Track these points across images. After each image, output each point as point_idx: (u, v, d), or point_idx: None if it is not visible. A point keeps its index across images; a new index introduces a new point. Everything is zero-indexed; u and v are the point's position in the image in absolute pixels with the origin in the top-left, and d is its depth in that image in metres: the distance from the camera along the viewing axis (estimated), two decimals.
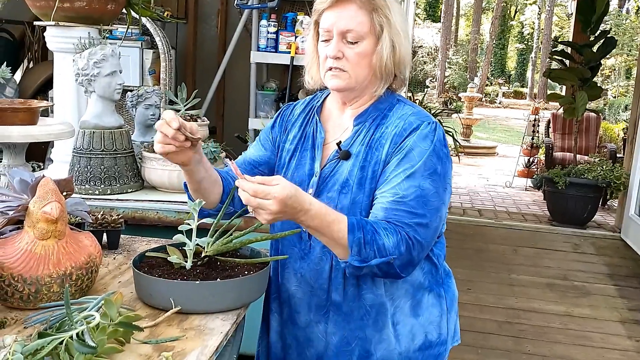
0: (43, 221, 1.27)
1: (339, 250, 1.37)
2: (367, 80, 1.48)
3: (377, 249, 1.35)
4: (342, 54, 1.46)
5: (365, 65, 1.46)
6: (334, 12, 1.46)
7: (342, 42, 1.45)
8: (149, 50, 4.22)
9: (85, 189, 2.57)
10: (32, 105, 1.81)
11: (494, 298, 4.32)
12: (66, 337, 1.04)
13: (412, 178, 1.40)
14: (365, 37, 1.44)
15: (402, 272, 1.39)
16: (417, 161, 1.41)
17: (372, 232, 1.35)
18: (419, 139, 1.43)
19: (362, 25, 1.43)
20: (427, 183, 1.40)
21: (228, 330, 1.28)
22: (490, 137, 15.03)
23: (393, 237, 1.35)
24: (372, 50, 1.45)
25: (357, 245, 1.34)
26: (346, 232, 1.34)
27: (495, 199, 7.67)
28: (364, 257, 1.35)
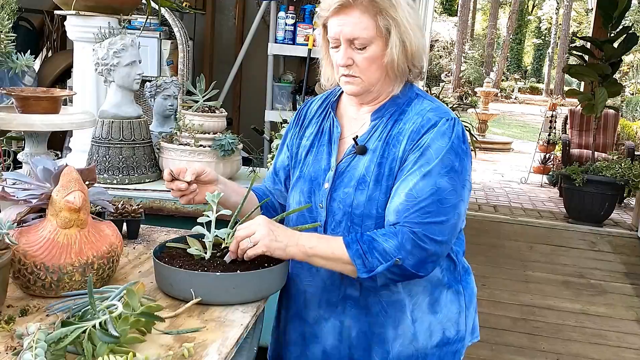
0: (66, 210, 1.27)
1: (347, 268, 1.39)
2: (380, 82, 1.47)
3: (380, 254, 1.36)
4: (352, 61, 1.44)
5: (377, 68, 1.44)
6: (339, 19, 1.43)
7: (350, 49, 1.44)
8: (167, 41, 4.23)
9: (104, 178, 2.58)
10: (55, 94, 1.82)
11: (508, 294, 4.30)
12: (89, 326, 1.04)
13: (428, 177, 1.39)
14: (373, 42, 1.42)
15: (419, 270, 1.39)
16: (434, 159, 1.39)
17: (369, 242, 1.37)
18: (436, 136, 1.41)
19: (368, 31, 1.41)
20: (444, 181, 1.39)
21: (248, 322, 1.28)
22: (506, 132, 14.93)
23: (393, 240, 1.36)
24: (381, 53, 1.42)
25: (359, 257, 1.36)
26: (345, 248, 1.36)
27: (510, 195, 7.63)
28: (369, 267, 1.36)
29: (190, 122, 2.66)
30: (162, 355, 1.08)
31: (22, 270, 1.28)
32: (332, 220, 1.49)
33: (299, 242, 1.38)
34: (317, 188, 1.53)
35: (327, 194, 1.50)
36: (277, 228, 1.38)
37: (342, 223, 1.48)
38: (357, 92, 1.49)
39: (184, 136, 2.66)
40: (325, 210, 1.50)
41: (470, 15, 27.53)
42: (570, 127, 8.05)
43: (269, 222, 1.38)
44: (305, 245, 1.38)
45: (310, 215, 1.53)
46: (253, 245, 1.35)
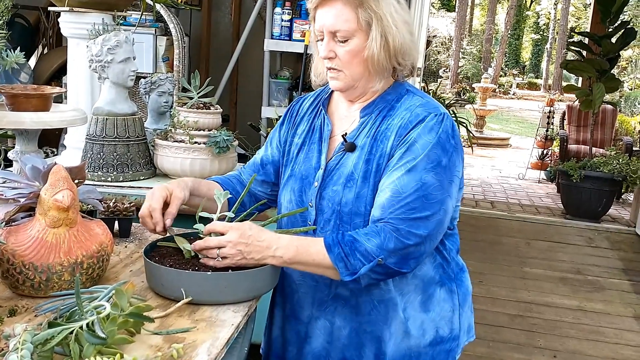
0: (54, 209, 1.25)
1: (329, 272, 1.37)
2: (364, 77, 1.45)
3: (362, 255, 1.34)
4: (334, 54, 1.43)
5: (358, 62, 1.42)
6: (322, 11, 1.43)
7: (333, 42, 1.43)
8: (162, 37, 4.20)
9: (98, 175, 2.56)
10: (45, 92, 1.80)
11: (506, 291, 4.29)
12: (76, 327, 1.03)
13: (413, 172, 1.37)
14: (355, 35, 1.40)
15: (402, 267, 1.38)
16: (420, 154, 1.38)
17: (350, 243, 1.35)
18: (424, 131, 1.40)
19: (349, 23, 1.39)
20: (430, 176, 1.37)
21: (239, 322, 1.26)
22: (504, 128, 14.92)
23: (375, 239, 1.35)
24: (362, 47, 1.41)
25: (340, 260, 1.34)
26: (326, 252, 1.35)
27: (508, 191, 7.62)
28: (352, 270, 1.35)
29: (184, 119, 2.64)
30: (150, 356, 1.07)
31: (10, 269, 1.26)
32: (322, 219, 1.48)
33: (276, 253, 1.35)
34: (308, 186, 1.52)
35: (317, 193, 1.49)
36: (252, 242, 1.34)
37: (331, 221, 1.47)
38: (341, 87, 1.48)
39: (179, 133, 2.64)
40: (315, 209, 1.49)
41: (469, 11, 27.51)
42: (568, 123, 8.04)
43: (245, 236, 1.34)
44: (284, 256, 1.35)
45: (301, 214, 1.52)
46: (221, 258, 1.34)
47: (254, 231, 1.35)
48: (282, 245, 1.36)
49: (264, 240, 1.35)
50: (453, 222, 1.56)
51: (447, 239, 1.55)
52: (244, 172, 1.71)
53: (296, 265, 1.39)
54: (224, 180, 1.65)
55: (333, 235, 1.38)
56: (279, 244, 1.36)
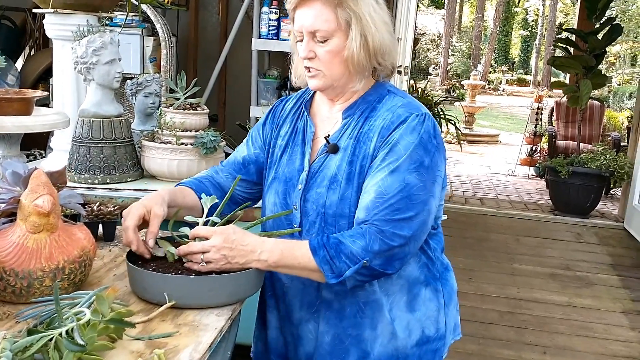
0: (35, 214, 1.24)
1: (314, 275, 1.37)
2: (344, 77, 1.45)
3: (347, 258, 1.34)
4: (314, 54, 1.43)
5: (338, 62, 1.42)
6: (301, 11, 1.43)
7: (312, 42, 1.42)
8: (149, 38, 4.18)
9: (85, 178, 2.55)
10: (27, 95, 1.79)
11: (495, 288, 4.30)
12: (55, 334, 1.02)
13: (397, 173, 1.37)
14: (334, 34, 1.40)
15: (388, 268, 1.38)
16: (402, 155, 1.38)
17: (335, 245, 1.35)
18: (405, 132, 1.40)
19: (328, 23, 1.39)
20: (413, 177, 1.37)
21: (223, 326, 1.26)
22: (494, 125, 14.96)
23: (360, 241, 1.34)
24: (342, 46, 1.41)
25: (326, 263, 1.34)
26: (311, 255, 1.34)
27: (497, 188, 7.63)
28: (337, 272, 1.35)
29: (171, 119, 2.63)
30: None
31: None
32: (307, 221, 1.48)
33: (261, 257, 1.35)
34: (292, 189, 1.51)
35: (301, 195, 1.49)
36: (236, 246, 1.33)
37: (315, 224, 1.46)
38: (320, 87, 1.48)
39: (166, 134, 2.64)
40: (300, 212, 1.49)
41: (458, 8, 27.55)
42: (557, 119, 8.08)
43: (229, 240, 1.33)
44: (268, 260, 1.35)
45: (287, 217, 1.52)
46: (205, 263, 1.33)
47: (238, 235, 1.35)
48: (266, 249, 1.35)
49: (248, 244, 1.35)
50: (437, 221, 1.56)
51: (431, 239, 1.55)
52: (222, 170, 1.67)
53: (281, 269, 1.38)
54: (197, 185, 1.62)
55: (318, 238, 1.38)
56: (264, 248, 1.35)
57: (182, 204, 1.54)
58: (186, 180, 1.65)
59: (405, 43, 4.15)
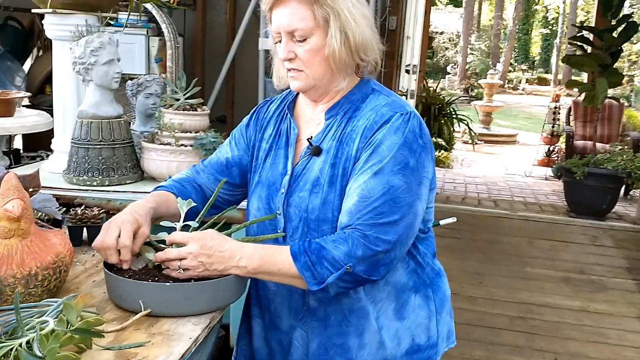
0: (5, 219, 1.21)
1: (295, 281, 1.32)
2: (327, 76, 1.40)
3: (329, 264, 1.29)
4: (294, 54, 1.38)
5: (320, 61, 1.37)
6: (277, 11, 1.38)
7: (291, 42, 1.38)
8: (155, 38, 4.14)
9: (83, 180, 2.52)
10: (7, 97, 1.75)
11: (506, 292, 4.22)
12: (16, 344, 0.98)
13: (380, 175, 1.32)
14: (313, 33, 1.35)
15: (372, 275, 1.32)
16: (386, 156, 1.33)
17: (317, 251, 1.29)
18: (389, 132, 1.35)
19: (306, 21, 1.34)
20: (397, 178, 1.32)
21: (198, 335, 1.21)
22: (512, 124, 14.78)
23: (343, 246, 1.29)
24: (322, 44, 1.36)
25: (307, 269, 1.29)
26: (292, 261, 1.29)
27: (513, 189, 7.52)
28: (319, 279, 1.30)
29: (170, 121, 2.60)
30: None
31: None
32: (290, 227, 1.43)
33: (240, 263, 1.30)
34: (275, 193, 1.47)
35: (284, 199, 1.44)
36: (214, 252, 1.29)
37: (298, 229, 1.41)
38: (302, 88, 1.43)
39: (165, 135, 2.60)
40: (283, 216, 1.44)
41: (477, 6, 27.32)
42: (575, 119, 7.94)
43: (206, 247, 1.29)
44: (248, 266, 1.30)
45: (270, 222, 1.47)
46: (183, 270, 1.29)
47: (216, 241, 1.30)
48: (246, 255, 1.31)
49: (226, 250, 1.30)
50: (427, 225, 1.50)
51: (420, 243, 1.49)
52: (204, 171, 1.62)
53: (262, 275, 1.33)
54: (178, 189, 1.56)
55: (299, 243, 1.32)
56: (243, 254, 1.31)
57: (165, 213, 1.49)
58: (167, 183, 1.60)
59: (414, 42, 4.08)
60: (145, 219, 1.40)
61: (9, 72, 4.49)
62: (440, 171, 8.14)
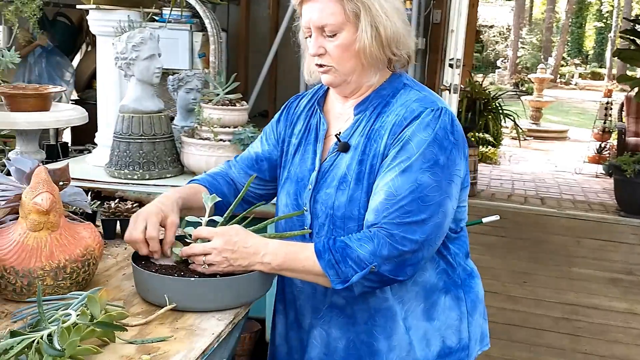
0: (34, 212, 1.23)
1: (319, 279, 1.30)
2: (357, 71, 1.37)
3: (354, 263, 1.26)
4: (323, 50, 1.36)
5: (350, 56, 1.35)
6: (307, 6, 1.35)
7: (321, 37, 1.35)
8: (198, 33, 4.17)
9: (124, 173, 2.56)
10: (43, 91, 1.79)
11: (551, 292, 4.11)
12: (37, 337, 0.99)
13: (408, 172, 1.29)
14: (343, 28, 1.33)
15: (399, 275, 1.29)
16: (415, 153, 1.29)
17: (342, 249, 1.27)
18: (418, 128, 1.31)
19: (336, 17, 1.32)
20: (426, 176, 1.28)
21: (221, 331, 1.21)
22: (563, 120, 14.40)
23: (368, 245, 1.26)
24: (352, 39, 1.33)
25: (331, 267, 1.27)
26: (316, 259, 1.27)
27: (562, 186, 7.32)
28: (343, 278, 1.27)
29: (209, 115, 2.62)
30: None
31: None
32: (317, 223, 1.41)
33: (264, 259, 1.29)
34: (303, 189, 1.45)
35: (310, 196, 1.42)
36: (238, 248, 1.28)
37: (325, 226, 1.39)
38: (333, 83, 1.41)
39: (204, 130, 2.62)
40: (310, 213, 1.42)
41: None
42: (627, 115, 7.68)
43: (230, 242, 1.28)
44: (272, 262, 1.29)
45: (298, 218, 1.45)
46: (207, 265, 1.29)
47: (240, 237, 1.30)
48: (270, 251, 1.30)
49: (250, 246, 1.29)
50: (459, 224, 1.46)
51: (452, 243, 1.45)
52: (236, 165, 1.63)
53: (286, 272, 1.32)
54: (210, 183, 1.57)
55: (324, 241, 1.31)
56: (267, 250, 1.30)
57: (195, 205, 1.49)
58: (200, 177, 1.61)
59: (458, 35, 4.00)
60: (171, 208, 1.40)
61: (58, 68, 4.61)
62: (487, 167, 8.00)
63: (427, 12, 4.85)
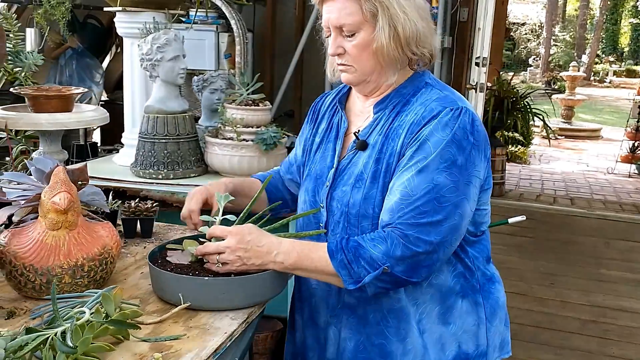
0: (53, 212, 1.25)
1: (332, 279, 1.31)
2: (376, 71, 1.38)
3: (366, 263, 1.26)
4: (342, 49, 1.37)
5: (368, 56, 1.35)
6: (326, 6, 1.37)
7: (340, 37, 1.36)
8: (224, 34, 4.21)
9: (149, 173, 2.60)
10: (65, 93, 1.83)
11: (579, 294, 4.05)
12: (51, 334, 1.02)
13: (425, 172, 1.28)
14: (362, 27, 1.33)
15: (412, 276, 1.28)
16: (432, 152, 1.28)
17: (354, 249, 1.27)
18: (437, 127, 1.30)
19: (354, 16, 1.32)
20: (443, 177, 1.27)
21: (234, 330, 1.22)
22: (596, 119, 14.15)
23: (382, 245, 1.26)
24: (370, 39, 1.33)
25: (343, 267, 1.27)
26: (328, 259, 1.28)
27: (593, 187, 7.20)
28: (356, 278, 1.27)
29: (232, 115, 2.64)
30: None
31: (13, 272, 1.28)
32: (332, 220, 1.42)
33: (277, 259, 1.30)
34: (321, 186, 1.46)
35: (327, 193, 1.43)
36: (251, 247, 1.30)
37: (340, 223, 1.40)
38: (353, 82, 1.42)
39: (228, 130, 2.64)
40: (326, 210, 1.43)
41: None
42: None
43: (243, 241, 1.30)
44: (285, 262, 1.30)
45: (314, 216, 1.47)
46: (221, 264, 1.31)
47: (254, 236, 1.31)
48: (283, 251, 1.31)
49: (263, 245, 1.30)
50: (479, 228, 1.44)
51: (471, 247, 1.44)
52: (281, 169, 1.73)
53: (299, 272, 1.33)
54: (265, 177, 1.67)
55: (337, 240, 1.31)
56: (280, 249, 1.31)
57: (247, 194, 1.57)
58: (260, 173, 1.73)
59: (484, 33, 3.96)
60: (217, 188, 1.51)
61: (88, 69, 4.69)
62: (516, 167, 7.91)
63: (454, 10, 4.81)
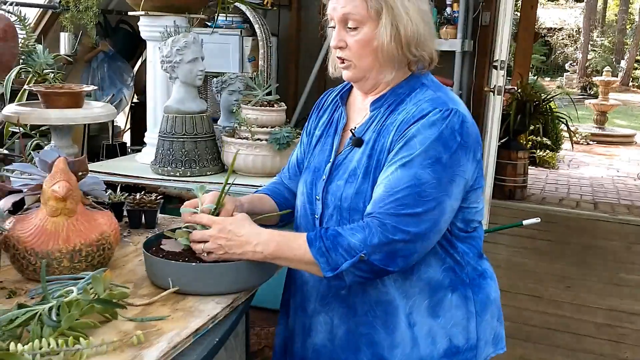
0: (52, 199, 1.35)
1: (311, 268, 1.36)
2: (375, 68, 1.42)
3: (344, 250, 1.31)
4: (344, 43, 1.41)
5: (369, 52, 1.39)
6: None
7: (344, 31, 1.40)
8: (248, 38, 4.32)
9: (167, 170, 2.71)
10: (74, 90, 1.94)
11: (595, 298, 4.02)
12: (40, 310, 1.10)
13: (408, 166, 1.32)
14: (365, 23, 1.38)
15: (389, 265, 1.32)
16: (417, 149, 1.33)
17: (333, 237, 1.32)
18: (424, 126, 1.34)
19: (359, 10, 1.37)
20: (426, 173, 1.31)
21: (217, 313, 1.29)
22: (631, 125, 13.88)
23: (359, 233, 1.31)
24: (372, 36, 1.38)
25: (322, 255, 1.32)
26: (307, 247, 1.33)
27: (621, 192, 7.09)
28: (333, 265, 1.32)
29: (247, 116, 2.73)
30: (108, 340, 1.12)
31: (16, 255, 1.37)
32: (326, 213, 1.48)
33: (256, 248, 1.36)
34: (318, 179, 1.52)
35: (323, 186, 1.49)
36: (231, 237, 1.36)
37: (333, 216, 1.46)
38: (352, 78, 1.46)
39: (243, 130, 2.73)
40: (321, 203, 1.49)
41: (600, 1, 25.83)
42: None
43: (224, 231, 1.37)
44: (264, 251, 1.36)
45: (311, 207, 1.53)
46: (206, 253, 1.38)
47: (234, 226, 1.38)
48: (262, 241, 1.36)
49: (242, 235, 1.37)
50: (470, 225, 1.48)
51: (461, 242, 1.47)
52: (284, 173, 1.75)
53: (279, 261, 1.39)
54: (271, 190, 1.71)
55: (317, 229, 1.37)
56: (260, 239, 1.36)
57: (260, 211, 1.61)
58: (263, 187, 1.74)
59: (502, 37, 3.98)
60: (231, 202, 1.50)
61: (119, 72, 4.85)
62: (543, 172, 7.83)
63: (475, 14, 4.84)
